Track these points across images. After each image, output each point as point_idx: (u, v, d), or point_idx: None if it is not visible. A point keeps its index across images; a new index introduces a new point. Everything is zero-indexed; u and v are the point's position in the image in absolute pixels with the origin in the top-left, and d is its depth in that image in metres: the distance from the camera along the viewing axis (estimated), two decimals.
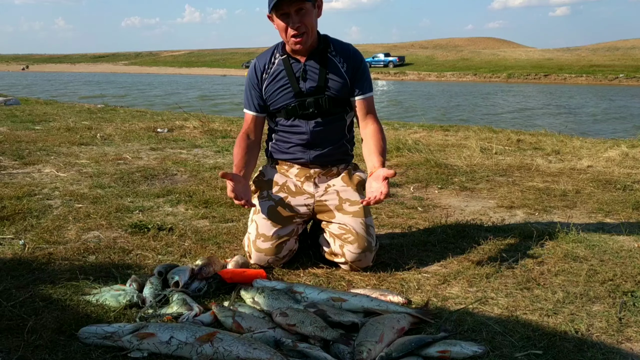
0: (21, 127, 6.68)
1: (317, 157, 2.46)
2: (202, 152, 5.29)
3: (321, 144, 2.45)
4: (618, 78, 41.58)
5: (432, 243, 2.67)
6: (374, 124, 2.43)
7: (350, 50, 2.42)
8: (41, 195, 3.43)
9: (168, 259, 2.40)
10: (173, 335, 1.58)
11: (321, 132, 2.42)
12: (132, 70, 69.50)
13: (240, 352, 1.54)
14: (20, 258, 2.35)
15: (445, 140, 6.14)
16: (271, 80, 2.40)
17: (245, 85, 2.48)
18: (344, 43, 2.45)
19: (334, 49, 2.39)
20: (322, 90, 2.37)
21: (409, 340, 1.65)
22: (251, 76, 2.45)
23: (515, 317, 1.88)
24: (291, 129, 2.45)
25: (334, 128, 2.45)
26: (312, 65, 2.36)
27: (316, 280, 2.23)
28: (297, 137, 2.45)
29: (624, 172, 4.40)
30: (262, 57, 2.45)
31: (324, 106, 2.39)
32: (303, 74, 2.37)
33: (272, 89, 2.41)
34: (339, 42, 2.44)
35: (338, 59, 2.38)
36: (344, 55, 2.39)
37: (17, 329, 1.70)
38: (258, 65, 2.44)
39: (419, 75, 51.32)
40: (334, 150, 2.47)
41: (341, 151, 2.50)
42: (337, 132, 2.47)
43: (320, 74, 2.36)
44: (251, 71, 2.45)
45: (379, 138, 2.39)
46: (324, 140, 2.44)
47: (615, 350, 1.66)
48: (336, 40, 2.44)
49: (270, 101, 2.43)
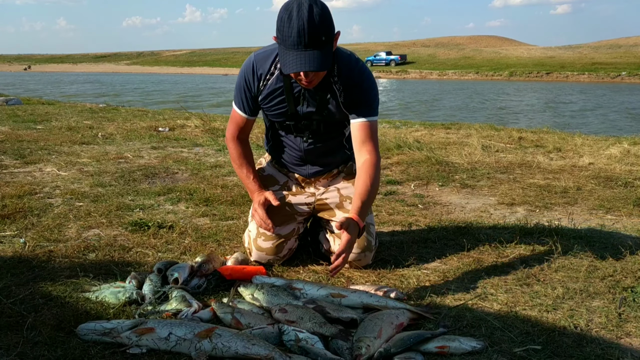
0: (23, 126, 6.70)
1: (315, 173, 2.41)
2: (203, 151, 5.30)
3: (317, 159, 2.38)
4: (620, 76, 41.48)
5: (432, 240, 2.67)
6: (369, 155, 2.16)
7: (354, 77, 2.14)
8: (42, 194, 3.44)
9: (168, 257, 2.40)
10: (172, 332, 1.59)
11: (316, 150, 2.33)
12: (134, 70, 69.58)
13: (239, 347, 1.54)
14: (20, 256, 2.35)
15: (446, 138, 6.13)
16: (268, 93, 2.20)
17: (239, 84, 2.25)
18: (351, 63, 2.15)
19: (338, 73, 2.12)
20: (320, 115, 2.21)
21: (408, 336, 1.64)
22: (247, 79, 2.21)
23: (515, 313, 1.88)
24: (286, 141, 2.37)
25: (331, 144, 2.36)
26: (314, 90, 2.14)
27: (315, 277, 2.23)
28: (292, 151, 2.38)
29: (625, 169, 4.39)
30: (261, 61, 2.18)
31: (321, 129, 2.27)
32: (302, 97, 2.17)
33: (266, 102, 2.23)
34: (347, 61, 2.14)
35: (338, 86, 2.13)
36: (346, 83, 2.13)
37: (17, 326, 1.71)
38: (256, 69, 2.18)
39: (420, 74, 51.28)
40: (332, 160, 2.41)
41: (341, 158, 2.43)
42: (334, 146, 2.38)
43: (320, 100, 2.16)
44: (248, 73, 2.20)
45: (369, 175, 2.12)
46: (320, 156, 2.37)
47: (615, 346, 1.66)
48: (344, 59, 2.14)
49: (264, 111, 2.30)
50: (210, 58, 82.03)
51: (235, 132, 2.37)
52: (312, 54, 1.91)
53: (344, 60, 2.14)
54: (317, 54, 1.91)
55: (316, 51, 1.91)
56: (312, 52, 1.91)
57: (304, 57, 1.90)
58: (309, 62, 1.91)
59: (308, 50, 1.90)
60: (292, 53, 1.92)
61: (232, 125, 2.37)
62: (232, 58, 76.07)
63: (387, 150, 5.10)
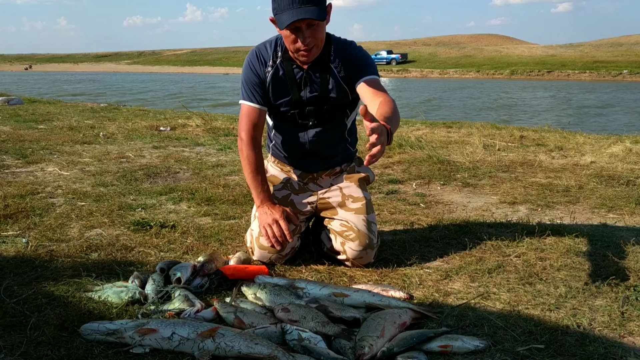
0: (24, 126, 6.71)
1: (319, 167, 2.43)
2: (205, 150, 5.30)
3: (320, 153, 2.40)
4: (622, 74, 41.42)
5: (435, 239, 2.67)
6: (384, 96, 2.11)
7: (349, 50, 2.27)
8: (44, 194, 3.44)
9: (170, 256, 2.41)
10: (175, 331, 1.59)
11: (320, 141, 2.36)
12: (135, 70, 69.59)
13: (242, 347, 1.54)
14: (23, 256, 2.36)
15: (448, 137, 6.13)
16: (271, 81, 2.27)
17: (245, 76, 2.30)
18: (345, 42, 2.30)
19: (334, 52, 2.25)
20: (323, 98, 2.28)
21: (411, 335, 1.65)
22: (253, 66, 2.27)
23: (517, 312, 1.88)
24: (290, 138, 2.39)
25: (334, 135, 2.40)
26: (314, 73, 2.25)
27: (318, 276, 2.23)
28: (296, 146, 2.40)
29: (627, 167, 4.38)
30: (264, 50, 2.29)
31: (325, 115, 2.31)
32: (305, 81, 2.26)
33: (271, 91, 2.29)
34: (340, 41, 2.30)
35: (336, 64, 2.25)
36: (341, 56, 2.25)
37: (20, 326, 1.71)
38: (260, 56, 2.27)
39: (421, 73, 51.25)
40: (335, 152, 2.43)
41: (344, 154, 2.47)
42: (337, 139, 2.42)
43: (322, 83, 2.25)
44: (253, 61, 2.28)
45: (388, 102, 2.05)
46: (323, 149, 2.40)
47: (617, 345, 1.66)
48: (337, 40, 2.30)
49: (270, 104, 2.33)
50: (211, 57, 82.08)
51: (250, 130, 2.29)
52: (307, 7, 2.04)
53: (337, 40, 2.30)
54: (311, 7, 2.05)
55: (310, 5, 2.05)
56: (307, 6, 2.04)
57: (300, 10, 2.04)
58: (304, 12, 2.04)
59: (303, 6, 2.04)
60: (288, 11, 2.05)
61: (245, 122, 2.30)
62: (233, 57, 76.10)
63: (388, 149, 5.10)
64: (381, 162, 4.64)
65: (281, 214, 2.24)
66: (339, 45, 2.28)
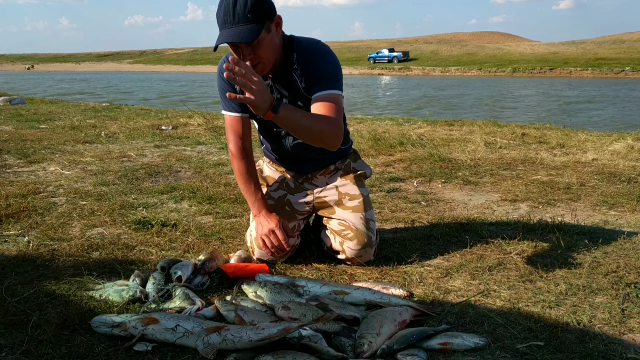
0: (26, 126, 6.72)
1: (311, 168, 2.39)
2: (206, 149, 5.31)
3: (307, 156, 2.34)
4: (624, 71, 41.31)
5: (435, 237, 2.67)
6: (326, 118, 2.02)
7: (310, 56, 2.12)
8: (46, 193, 3.45)
9: (171, 255, 2.41)
10: (179, 324, 1.60)
11: (302, 145, 2.26)
12: (137, 69, 69.64)
13: (251, 335, 1.55)
14: (24, 255, 2.37)
15: (449, 135, 6.13)
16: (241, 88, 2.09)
17: (220, 85, 2.22)
18: (309, 46, 2.14)
19: (296, 61, 2.12)
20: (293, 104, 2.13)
21: (411, 333, 1.65)
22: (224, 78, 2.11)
23: (518, 309, 1.88)
24: (274, 143, 2.35)
25: None
26: (277, 83, 2.17)
27: (318, 274, 2.24)
28: (282, 151, 2.37)
29: (629, 164, 4.38)
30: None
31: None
32: (272, 90, 2.16)
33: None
34: (305, 45, 2.14)
35: (298, 73, 2.13)
36: (303, 65, 2.12)
37: (21, 324, 1.72)
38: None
39: (423, 71, 51.17)
40: (324, 155, 2.33)
41: (335, 152, 2.33)
42: None
43: (288, 95, 2.17)
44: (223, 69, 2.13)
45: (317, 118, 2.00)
46: (309, 153, 2.31)
47: (618, 342, 1.66)
48: (302, 44, 2.14)
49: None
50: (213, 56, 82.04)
51: (236, 141, 2.26)
52: (237, 28, 1.94)
53: (302, 45, 2.15)
54: (242, 27, 1.93)
55: (242, 24, 1.94)
56: (237, 26, 1.94)
57: (229, 32, 1.95)
58: (232, 35, 1.94)
59: (234, 27, 1.94)
60: (221, 31, 1.98)
61: (230, 134, 2.28)
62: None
63: (389, 147, 5.10)
64: (382, 160, 4.65)
65: (277, 222, 2.20)
66: (303, 52, 2.13)
